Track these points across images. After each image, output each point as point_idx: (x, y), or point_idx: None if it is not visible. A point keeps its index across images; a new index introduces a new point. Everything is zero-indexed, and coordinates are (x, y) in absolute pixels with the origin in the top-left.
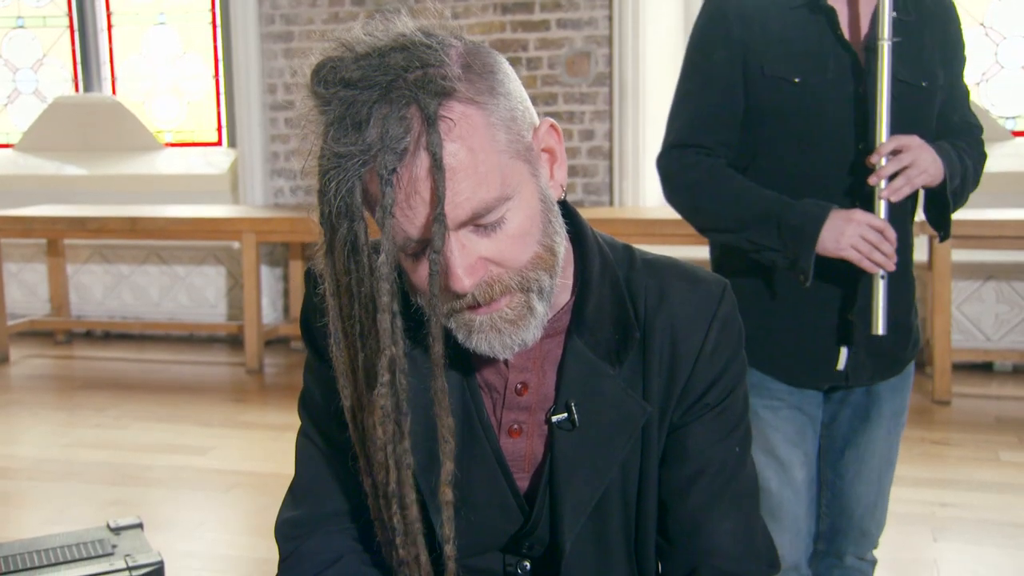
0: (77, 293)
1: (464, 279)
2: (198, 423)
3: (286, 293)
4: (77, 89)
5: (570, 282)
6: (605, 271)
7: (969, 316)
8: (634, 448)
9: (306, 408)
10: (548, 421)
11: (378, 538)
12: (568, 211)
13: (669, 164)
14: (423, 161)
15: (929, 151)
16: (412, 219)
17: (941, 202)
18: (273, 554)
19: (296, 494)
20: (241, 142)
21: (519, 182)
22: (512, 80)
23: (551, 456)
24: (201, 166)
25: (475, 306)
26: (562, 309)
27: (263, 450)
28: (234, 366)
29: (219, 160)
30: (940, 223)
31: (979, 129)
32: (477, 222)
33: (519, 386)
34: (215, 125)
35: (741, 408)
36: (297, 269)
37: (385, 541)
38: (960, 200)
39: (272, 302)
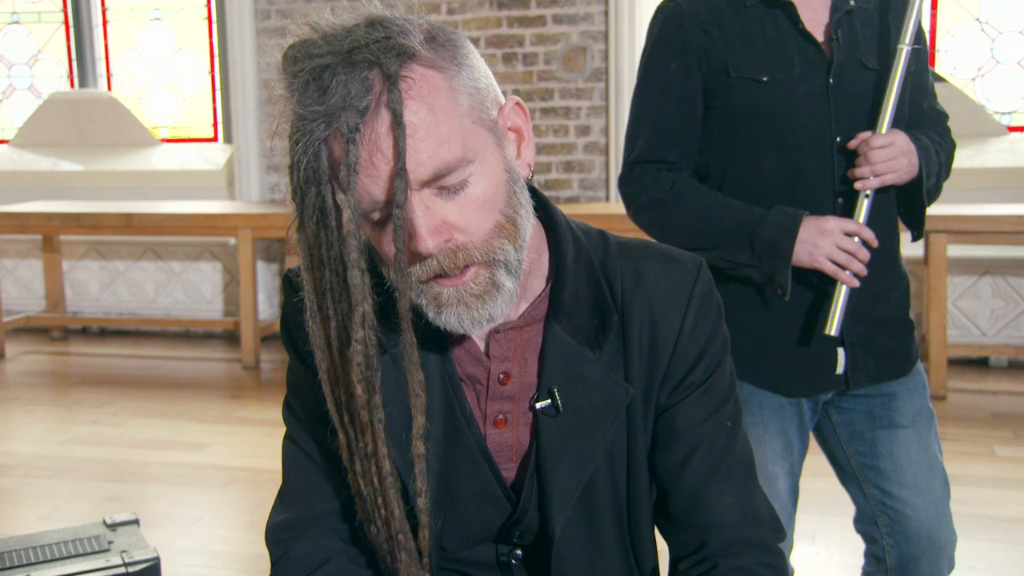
0: (73, 289)
1: (428, 239)
2: (194, 419)
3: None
4: (72, 85)
5: (546, 270)
6: (579, 256)
7: (965, 311)
8: (619, 431)
9: (291, 412)
10: (532, 408)
11: (359, 517)
12: (540, 199)
13: (631, 183)
14: (384, 118)
15: (908, 154)
16: (376, 178)
17: (915, 201)
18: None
19: (285, 498)
20: (237, 138)
21: (482, 148)
22: (476, 58)
23: (537, 443)
24: (197, 162)
25: (441, 275)
26: (539, 296)
27: (259, 446)
28: (230, 362)
29: (215, 156)
30: (913, 221)
31: (946, 117)
32: (440, 183)
33: (502, 376)
34: (211, 121)
35: (728, 383)
36: (293, 265)
37: (364, 515)
38: (934, 196)
39: (268, 298)
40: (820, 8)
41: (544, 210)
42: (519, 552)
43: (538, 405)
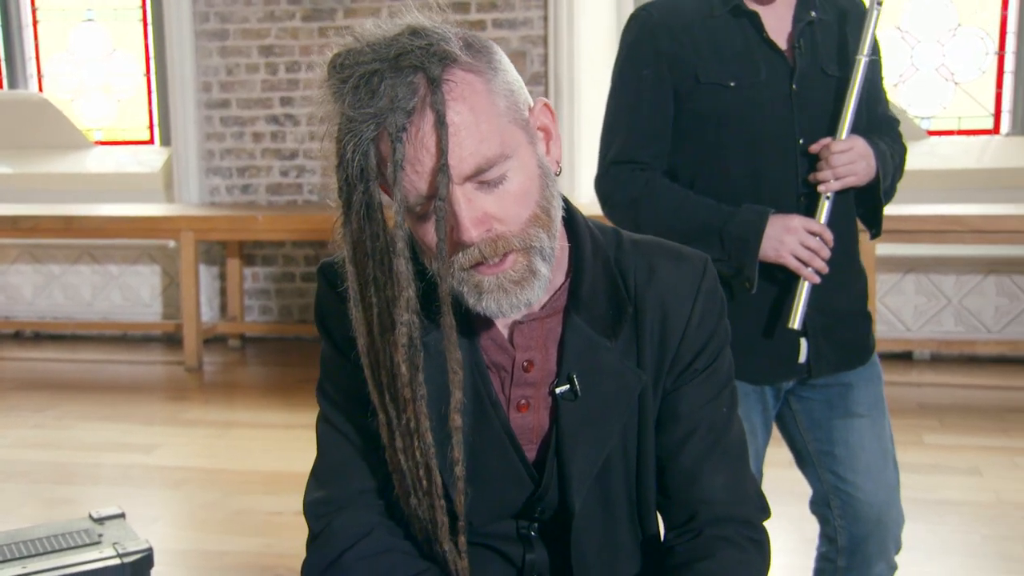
0: (5, 293)
1: (471, 230)
2: (141, 422)
3: (223, 292)
4: (1, 86)
5: (566, 264)
6: (597, 253)
7: (891, 307)
8: (632, 414)
9: (324, 395)
10: (552, 393)
11: (396, 491)
12: (561, 198)
13: (607, 183)
14: (429, 119)
15: (866, 157)
16: (421, 174)
17: (872, 201)
18: (226, 546)
19: (320, 475)
20: (176, 140)
21: (517, 145)
22: (507, 63)
23: (557, 426)
24: (132, 165)
25: (482, 262)
26: (559, 289)
27: (209, 447)
28: (171, 365)
29: (150, 159)
30: (871, 220)
31: (898, 123)
32: (481, 178)
33: (525, 363)
34: (147, 123)
35: (726, 372)
36: (234, 267)
37: (403, 489)
38: (890, 196)
39: (208, 300)
40: (783, 18)
41: (566, 210)
42: (537, 525)
43: (558, 390)
